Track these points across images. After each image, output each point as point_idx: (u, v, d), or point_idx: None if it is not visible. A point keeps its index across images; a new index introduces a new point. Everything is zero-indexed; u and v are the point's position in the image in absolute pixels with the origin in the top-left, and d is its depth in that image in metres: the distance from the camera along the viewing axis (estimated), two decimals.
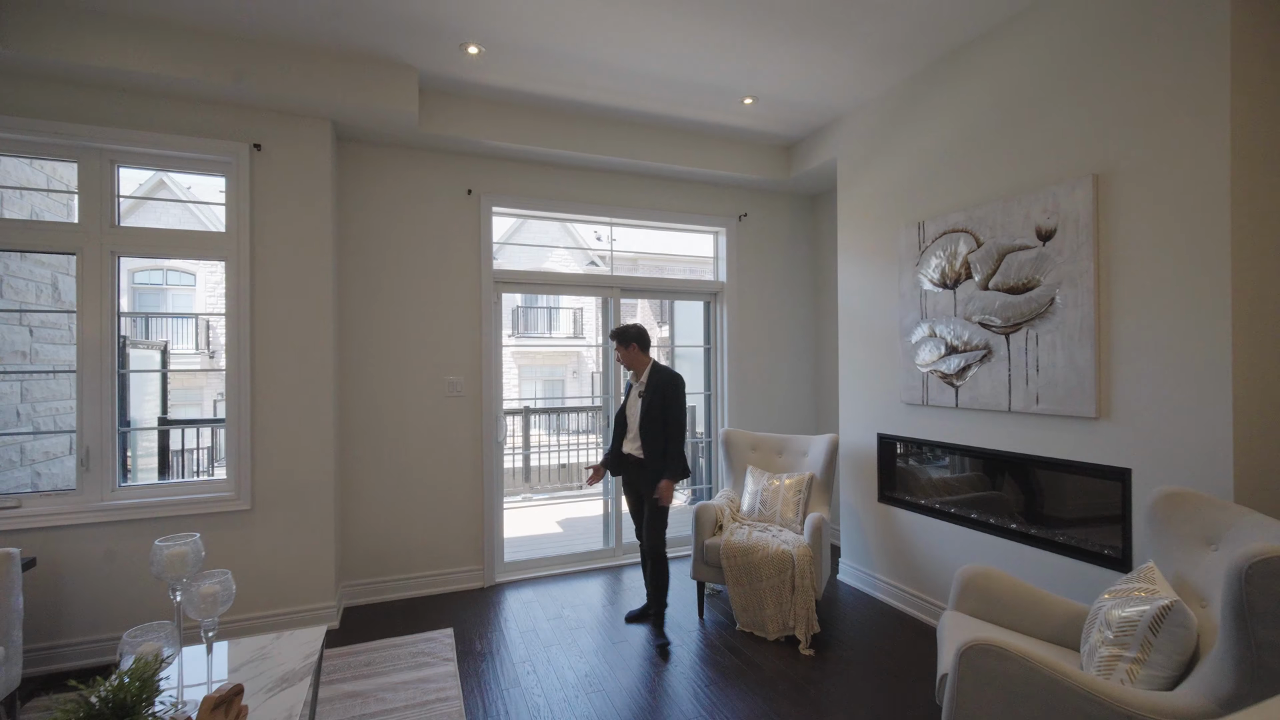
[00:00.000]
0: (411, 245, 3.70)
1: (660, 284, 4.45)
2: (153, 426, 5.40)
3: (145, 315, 11.79)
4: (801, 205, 4.77)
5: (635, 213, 4.23)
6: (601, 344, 4.32)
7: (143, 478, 5.69)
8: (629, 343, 3.20)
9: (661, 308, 17.82)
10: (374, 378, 3.61)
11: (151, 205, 10.27)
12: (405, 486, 3.67)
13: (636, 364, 3.23)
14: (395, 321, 3.66)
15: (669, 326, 7.95)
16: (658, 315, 17.78)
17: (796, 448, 3.80)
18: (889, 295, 3.47)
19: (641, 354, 3.24)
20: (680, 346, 7.44)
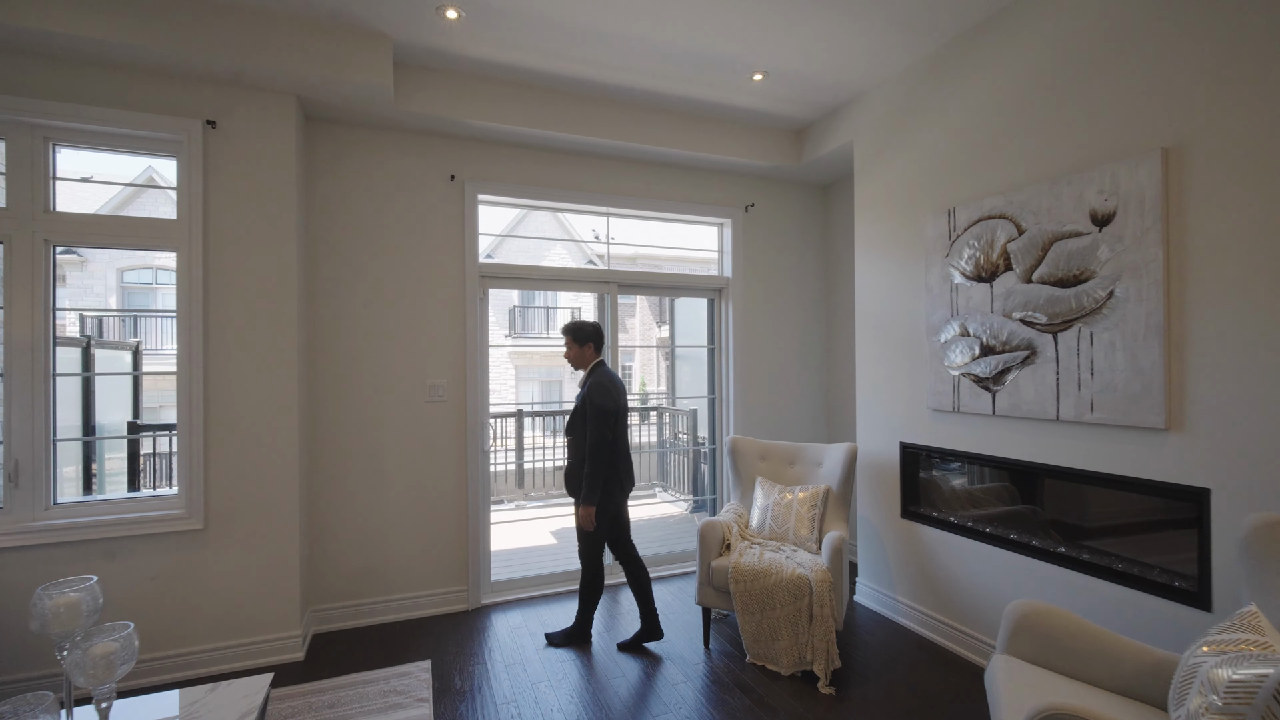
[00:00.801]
0: (389, 236, 3.37)
1: (661, 279, 4.13)
2: (90, 437, 5.06)
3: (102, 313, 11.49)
4: (812, 195, 4.45)
5: (634, 202, 3.91)
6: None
7: (112, 489, 5.38)
8: (585, 341, 3.03)
9: (660, 307, 17.52)
10: (347, 381, 3.29)
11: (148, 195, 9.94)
12: (382, 501, 3.35)
13: (582, 363, 3.05)
14: (371, 320, 3.34)
15: (669, 326, 7.59)
16: (656, 315, 17.47)
17: (810, 458, 3.47)
18: (914, 290, 3.15)
19: (589, 353, 3.05)
20: (681, 347, 7.11)
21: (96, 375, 4.30)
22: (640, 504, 6.75)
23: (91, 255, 14.93)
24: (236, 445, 2.84)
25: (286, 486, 2.92)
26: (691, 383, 7.18)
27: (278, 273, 2.91)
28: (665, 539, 5.30)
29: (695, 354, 6.75)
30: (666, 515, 6.42)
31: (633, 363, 17.86)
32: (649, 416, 7.59)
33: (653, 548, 4.95)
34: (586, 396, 2.91)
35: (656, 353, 17.01)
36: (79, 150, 2.83)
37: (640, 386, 17.35)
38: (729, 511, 3.37)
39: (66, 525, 2.60)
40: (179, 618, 2.75)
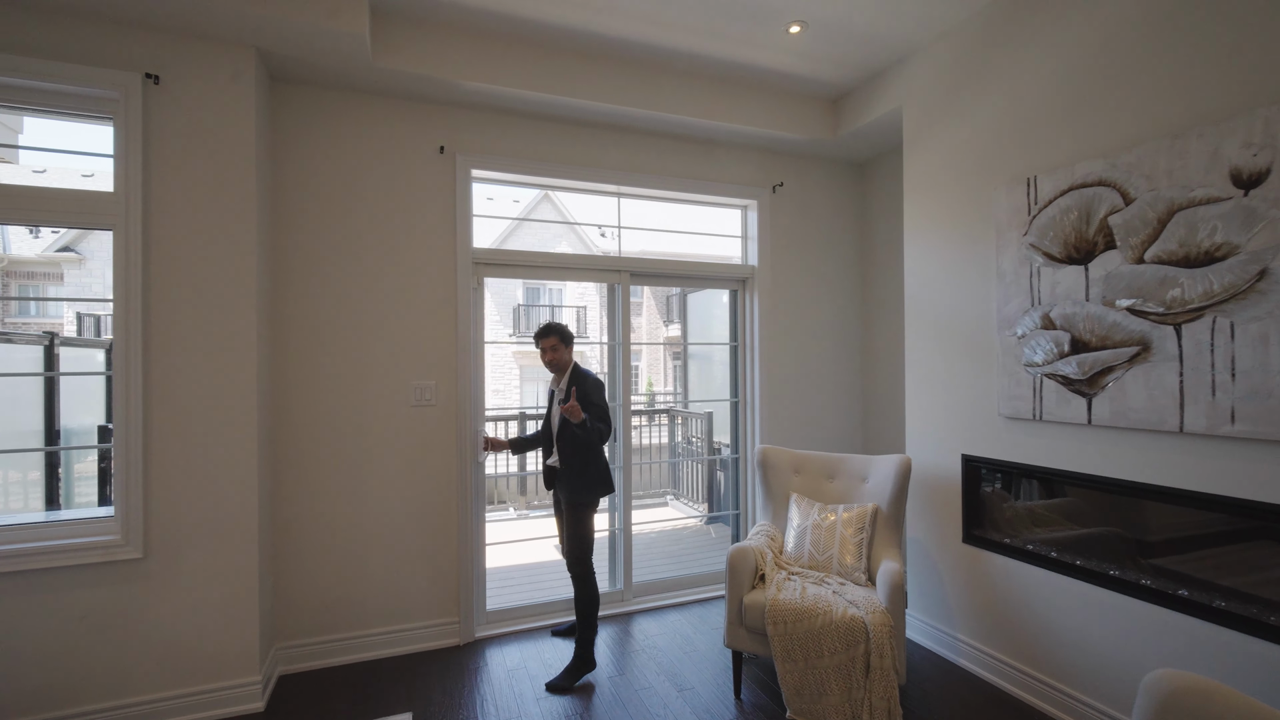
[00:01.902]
0: (369, 217, 2.93)
1: (680, 267, 3.67)
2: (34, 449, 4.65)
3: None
4: (847, 174, 3.98)
5: (649, 179, 3.45)
6: (606, 342, 3.55)
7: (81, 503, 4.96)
8: (569, 342, 2.92)
9: (668, 306, 17.03)
10: (319, 383, 2.85)
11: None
12: (360, 521, 2.91)
13: (562, 367, 2.92)
14: (347, 312, 2.90)
15: (680, 323, 7.10)
16: (664, 313, 16.97)
17: (853, 471, 3.01)
18: (981, 276, 2.68)
19: (569, 354, 2.94)
20: (695, 345, 6.63)
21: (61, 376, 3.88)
22: (650, 513, 6.31)
23: (89, 253, 14.61)
24: (183, 457, 2.41)
25: (244, 505, 2.48)
26: (704, 384, 6.72)
27: (234, 256, 2.47)
28: (680, 556, 4.85)
29: (707, 353, 6.29)
30: (680, 526, 5.97)
31: (639, 362, 17.40)
32: (656, 419, 7.13)
33: (665, 567, 4.52)
34: (581, 393, 2.76)
35: (664, 352, 16.54)
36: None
37: (647, 387, 16.89)
38: (760, 534, 2.91)
39: None
40: (114, 664, 2.32)
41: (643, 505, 6.47)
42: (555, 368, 2.88)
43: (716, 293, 5.40)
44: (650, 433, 6.90)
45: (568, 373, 2.88)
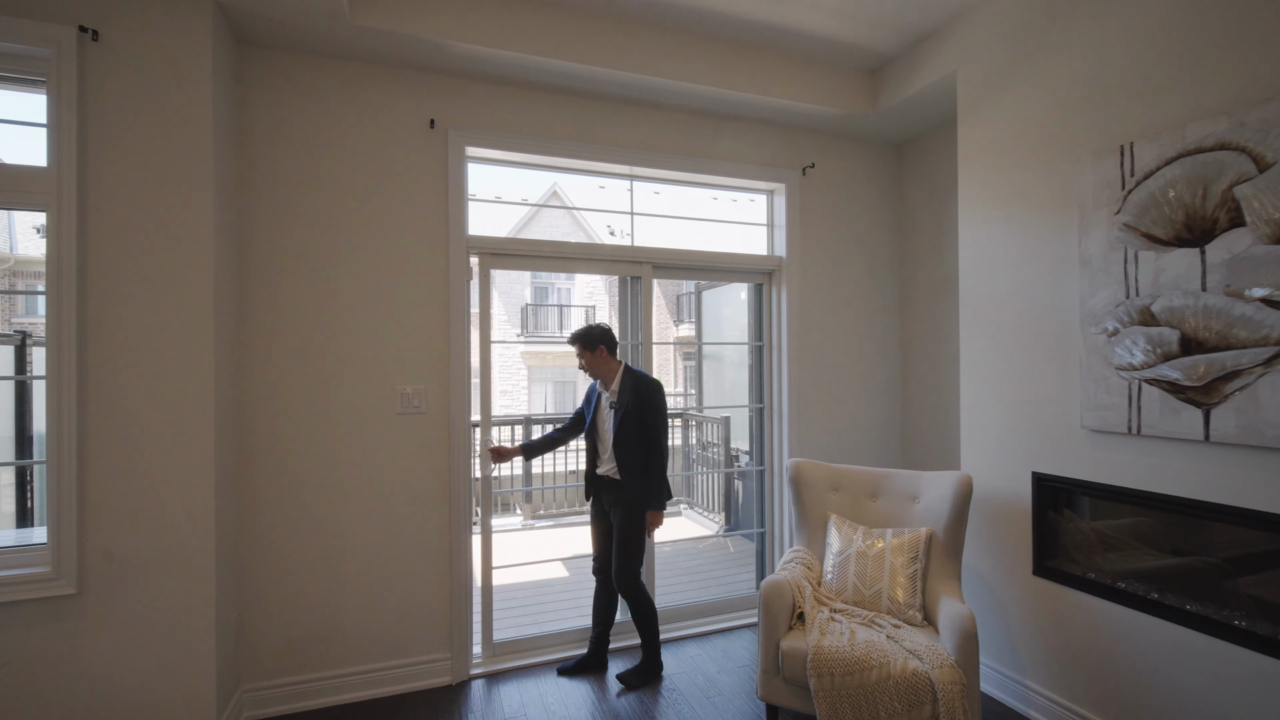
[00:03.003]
0: (349, 200, 2.58)
1: (703, 258, 3.29)
2: None
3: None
4: (883, 156, 3.59)
5: (665, 159, 3.08)
6: (622, 342, 3.19)
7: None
8: (595, 346, 2.70)
9: (678, 305, 16.63)
10: (290, 390, 2.50)
11: None
12: (338, 545, 2.56)
13: (606, 371, 2.74)
14: (323, 309, 2.55)
15: (695, 322, 6.69)
16: (673, 312, 16.57)
17: (900, 489, 2.62)
18: (1057, 264, 2.29)
19: (610, 358, 2.75)
20: (721, 344, 6.23)
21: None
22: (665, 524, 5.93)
23: None
24: (127, 475, 2.07)
25: (199, 530, 2.14)
26: (718, 387, 6.33)
27: (187, 242, 2.13)
28: (698, 572, 4.48)
29: (718, 353, 5.90)
30: (694, 536, 5.59)
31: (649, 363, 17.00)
32: (670, 423, 6.75)
33: (683, 585, 4.15)
34: (639, 399, 2.63)
35: (674, 352, 16.15)
36: None
37: None
38: (794, 562, 2.53)
39: None
40: (45, 718, 1.98)
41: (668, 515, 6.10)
42: (592, 374, 2.75)
43: (729, 290, 5.01)
44: None
45: (618, 376, 2.71)
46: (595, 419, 2.77)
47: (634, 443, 2.62)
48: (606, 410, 2.72)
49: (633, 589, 2.66)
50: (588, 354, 2.69)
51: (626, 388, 2.66)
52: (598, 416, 2.76)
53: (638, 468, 2.62)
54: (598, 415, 2.76)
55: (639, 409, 2.62)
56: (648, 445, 2.63)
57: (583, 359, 2.72)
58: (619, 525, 2.65)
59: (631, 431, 2.62)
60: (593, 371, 2.73)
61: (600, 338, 2.70)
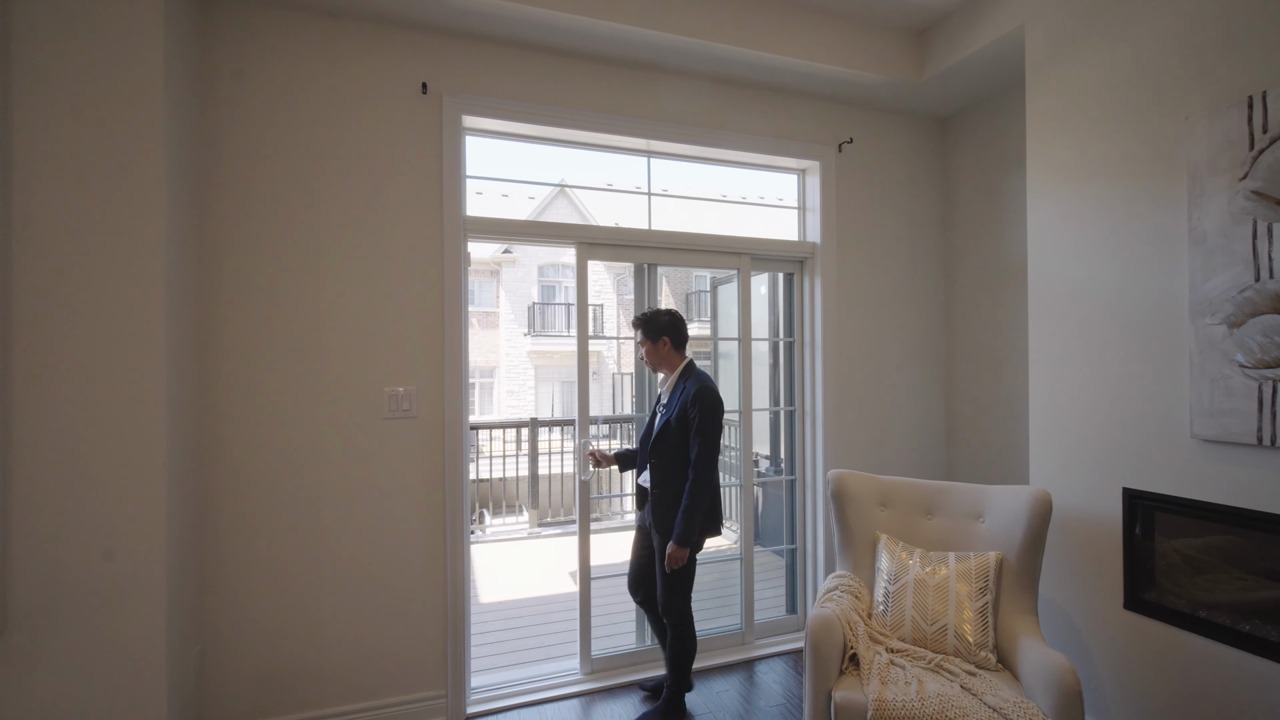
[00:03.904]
0: (328, 176, 2.27)
1: (726, 243, 2.95)
2: None
3: None
4: (926, 132, 3.23)
5: (686, 132, 2.74)
6: (623, 343, 2.86)
7: None
8: (658, 335, 2.37)
9: (688, 302, 16.25)
10: (261, 392, 2.19)
11: None
12: (317, 568, 2.24)
13: (666, 365, 2.41)
14: (300, 300, 2.23)
15: (711, 319, 6.32)
16: (683, 310, 16.20)
17: (960, 506, 2.27)
18: (1157, 241, 1.94)
19: (674, 353, 2.40)
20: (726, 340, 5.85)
21: None
22: None
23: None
24: (59, 492, 1.76)
25: (149, 556, 1.82)
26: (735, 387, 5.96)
27: (133, 221, 1.82)
28: (718, 589, 4.11)
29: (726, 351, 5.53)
30: (709, 547, 5.24)
31: None
32: None
33: (704, 604, 3.78)
34: (690, 404, 2.24)
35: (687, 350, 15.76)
36: None
37: None
38: (840, 589, 2.19)
39: None
40: None
41: None
42: (651, 366, 2.44)
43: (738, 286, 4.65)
44: None
45: (674, 375, 2.39)
46: (651, 420, 2.47)
47: (670, 456, 2.27)
48: (657, 411, 2.43)
49: (678, 619, 2.31)
50: (649, 343, 2.37)
51: (676, 391, 2.32)
52: (654, 418, 2.45)
53: (668, 487, 2.27)
54: (654, 417, 2.45)
55: (682, 421, 2.25)
56: (693, 466, 2.22)
57: (643, 348, 2.40)
58: (661, 549, 2.30)
59: (670, 443, 2.28)
60: (653, 364, 2.41)
61: (666, 327, 2.36)
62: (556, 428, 7.46)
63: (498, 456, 6.83)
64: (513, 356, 15.27)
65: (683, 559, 2.23)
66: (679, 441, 2.26)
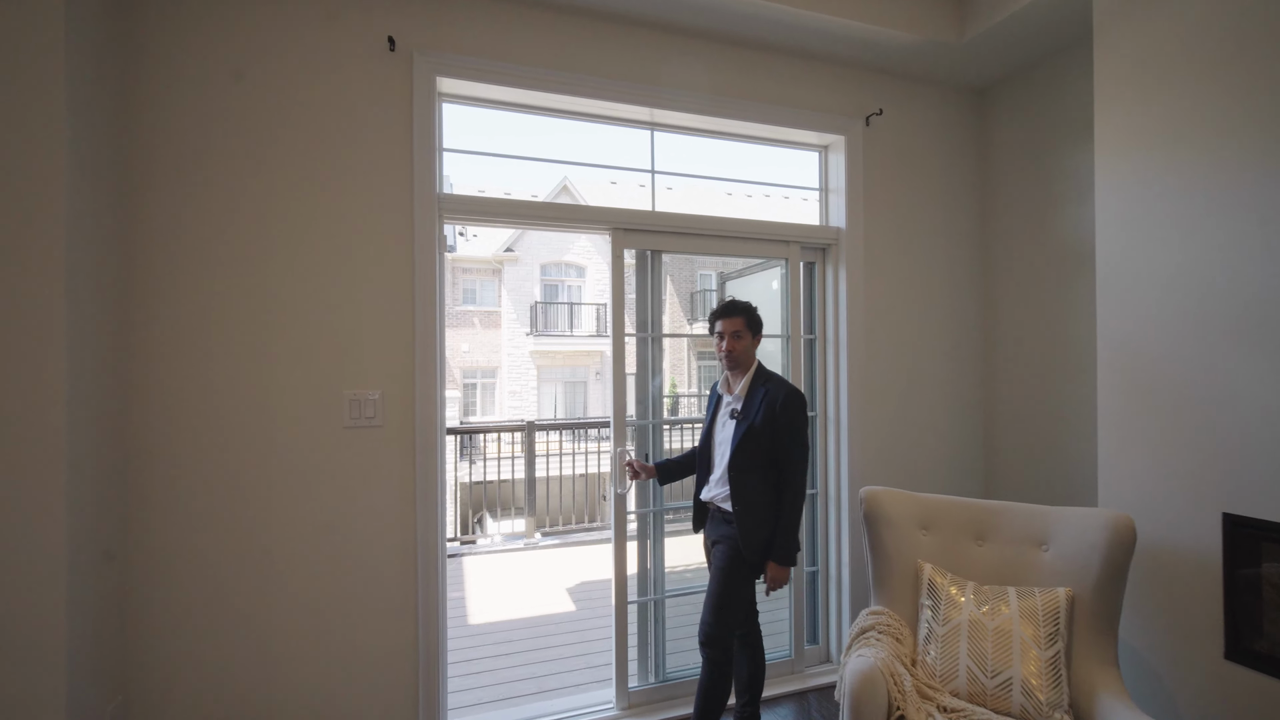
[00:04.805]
0: (278, 148, 1.95)
1: (773, 230, 2.60)
2: None
3: None
4: (961, 106, 2.89)
5: (692, 100, 2.41)
6: (636, 334, 2.52)
7: None
8: (759, 329, 2.10)
9: (692, 301, 15.91)
10: (198, 396, 1.87)
11: None
12: (267, 600, 1.92)
13: (745, 365, 2.07)
14: (245, 291, 1.91)
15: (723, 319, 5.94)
16: (686, 310, 15.84)
17: (1018, 531, 1.94)
18: (1269, 218, 1.59)
19: (755, 347, 2.10)
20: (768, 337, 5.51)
21: None
22: (680, 545, 5.26)
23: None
24: None
25: (47, 594, 1.51)
26: None
27: (23, 190, 1.50)
28: None
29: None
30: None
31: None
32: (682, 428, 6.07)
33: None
34: (781, 409, 1.95)
35: (687, 350, 15.45)
36: None
37: (670, 388, 15.83)
38: (877, 631, 1.85)
39: None
40: None
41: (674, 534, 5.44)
42: (733, 363, 2.06)
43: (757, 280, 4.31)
44: (674, 442, 5.85)
45: (748, 375, 2.06)
46: (711, 427, 2.15)
47: (756, 468, 1.97)
48: (726, 418, 2.09)
49: (717, 654, 1.96)
50: (748, 336, 2.05)
51: (756, 394, 2.01)
52: (714, 425, 2.15)
53: (757, 502, 1.96)
54: (714, 423, 2.15)
55: (771, 427, 1.95)
56: (777, 476, 1.97)
57: (731, 342, 2.03)
58: (719, 569, 2.01)
59: (755, 453, 1.97)
60: (734, 362, 2.06)
61: (760, 324, 2.10)
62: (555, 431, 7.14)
63: (500, 458, 6.54)
64: (515, 356, 14.99)
65: (786, 579, 1.96)
66: (765, 451, 1.96)
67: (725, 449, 2.04)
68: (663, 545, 2.57)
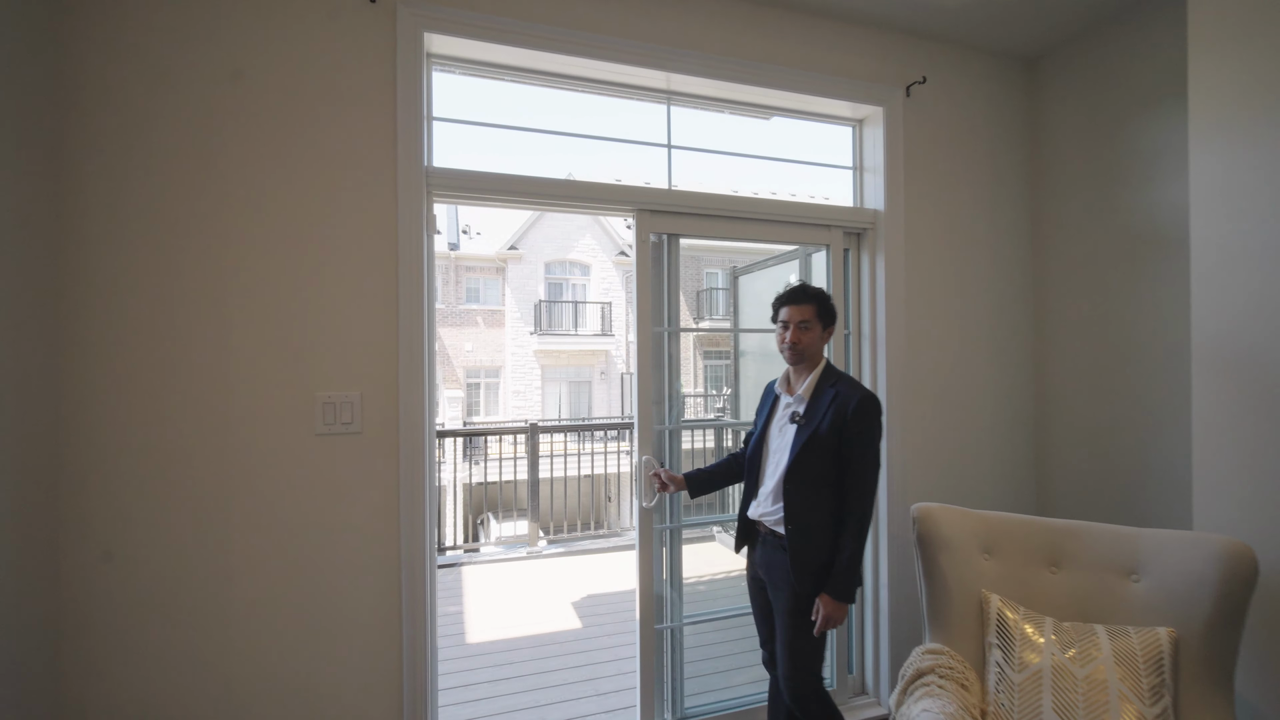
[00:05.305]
0: (241, 116, 1.68)
1: (776, 209, 2.32)
2: None
3: None
4: (1010, 76, 2.61)
5: (713, 65, 2.13)
6: (633, 341, 2.24)
7: None
8: (832, 318, 1.79)
9: (698, 300, 15.61)
10: (145, 398, 1.61)
11: None
12: (228, 634, 1.66)
13: (810, 359, 1.77)
14: (200, 278, 1.65)
15: (733, 312, 5.66)
16: (692, 308, 15.54)
17: (1101, 556, 1.65)
18: None
19: (826, 341, 1.81)
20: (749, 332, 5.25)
21: None
22: (694, 553, 4.97)
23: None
24: None
25: None
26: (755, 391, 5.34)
27: None
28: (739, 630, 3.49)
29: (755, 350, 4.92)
30: (732, 570, 4.63)
31: None
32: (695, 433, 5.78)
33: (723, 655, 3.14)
34: (852, 416, 1.64)
35: (693, 350, 15.17)
36: None
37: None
38: (937, 676, 1.57)
39: None
40: None
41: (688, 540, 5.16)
42: (797, 357, 1.77)
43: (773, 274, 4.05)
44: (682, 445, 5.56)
45: (815, 374, 1.76)
46: (765, 432, 1.85)
47: (818, 482, 1.67)
48: (784, 422, 1.78)
49: (813, 706, 1.69)
50: (818, 327, 1.76)
51: (824, 396, 1.70)
52: (768, 429, 1.85)
53: (813, 523, 1.67)
54: (768, 427, 1.85)
55: (839, 435, 1.65)
56: (842, 494, 1.66)
57: (798, 333, 1.75)
58: (785, 612, 1.71)
59: (818, 464, 1.67)
60: (798, 355, 1.76)
61: (834, 314, 1.80)
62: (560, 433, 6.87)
63: (502, 459, 6.29)
64: (519, 356, 14.76)
65: (842, 619, 1.63)
66: (829, 462, 1.67)
67: (781, 458, 1.73)
68: (680, 565, 2.29)
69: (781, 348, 1.79)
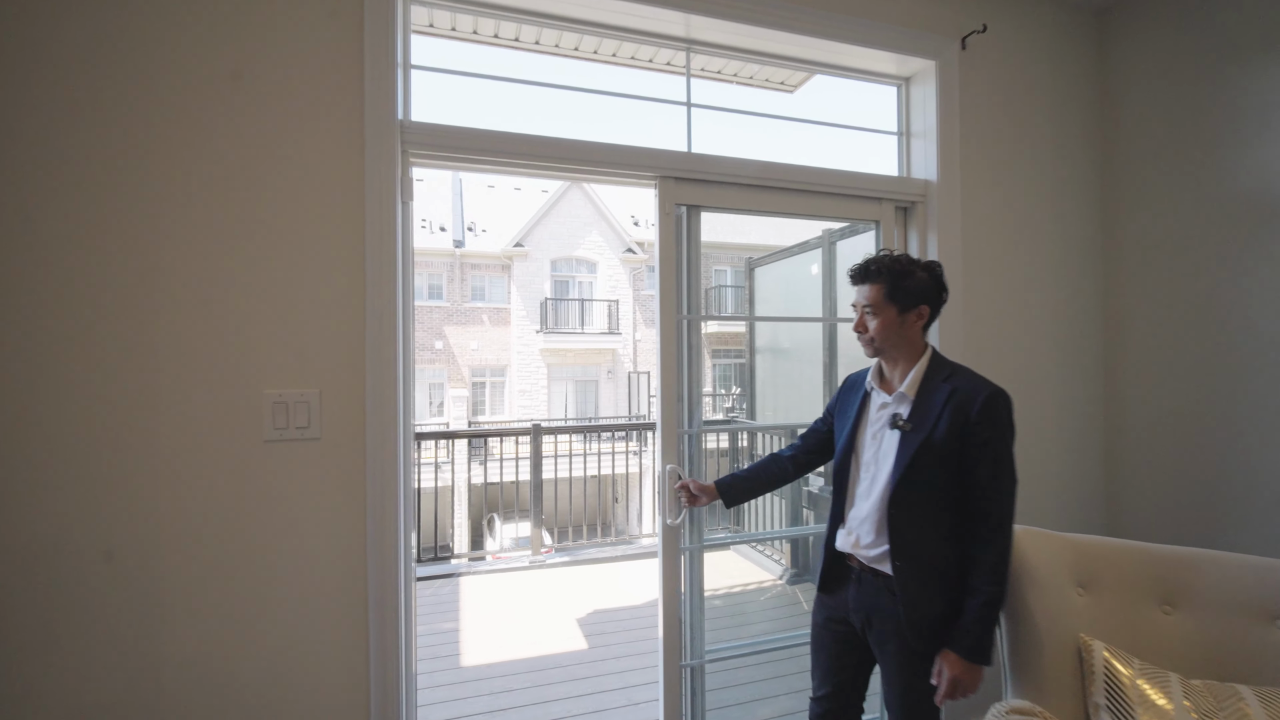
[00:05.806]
0: (163, 55, 1.38)
1: (819, 178, 1.99)
2: None
3: None
4: (1075, 29, 2.27)
5: (739, 10, 1.82)
6: (639, 340, 1.92)
7: None
8: (914, 300, 1.38)
9: (705, 297, 15.29)
10: (49, 409, 1.31)
11: None
12: (152, 688, 1.36)
13: (902, 352, 1.40)
14: (125, 255, 1.35)
15: (748, 303, 5.31)
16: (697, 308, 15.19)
17: (1230, 594, 1.33)
18: None
19: (920, 333, 1.40)
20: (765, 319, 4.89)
21: None
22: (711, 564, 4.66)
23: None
24: None
25: None
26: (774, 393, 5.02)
27: None
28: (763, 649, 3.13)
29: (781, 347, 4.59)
30: (749, 582, 4.30)
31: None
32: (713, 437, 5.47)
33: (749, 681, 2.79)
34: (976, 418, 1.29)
35: (704, 347, 14.84)
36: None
37: None
38: None
39: None
40: None
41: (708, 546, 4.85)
42: (872, 349, 1.42)
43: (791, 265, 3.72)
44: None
45: (919, 366, 1.39)
46: (854, 440, 1.47)
47: (934, 505, 1.33)
48: (880, 427, 1.42)
49: None
50: (889, 311, 1.37)
51: (935, 394, 1.34)
52: (858, 436, 1.47)
53: (928, 557, 1.32)
54: (858, 434, 1.47)
55: (959, 443, 1.31)
56: (969, 520, 1.32)
57: (863, 320, 1.41)
58: (896, 674, 1.35)
59: (933, 481, 1.32)
60: (872, 347, 1.42)
61: (923, 291, 1.39)
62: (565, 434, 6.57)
63: (504, 459, 6.00)
64: (524, 355, 14.49)
65: (975, 686, 1.26)
66: (949, 478, 1.32)
67: (882, 474, 1.36)
68: (701, 591, 1.98)
69: (857, 333, 1.44)
